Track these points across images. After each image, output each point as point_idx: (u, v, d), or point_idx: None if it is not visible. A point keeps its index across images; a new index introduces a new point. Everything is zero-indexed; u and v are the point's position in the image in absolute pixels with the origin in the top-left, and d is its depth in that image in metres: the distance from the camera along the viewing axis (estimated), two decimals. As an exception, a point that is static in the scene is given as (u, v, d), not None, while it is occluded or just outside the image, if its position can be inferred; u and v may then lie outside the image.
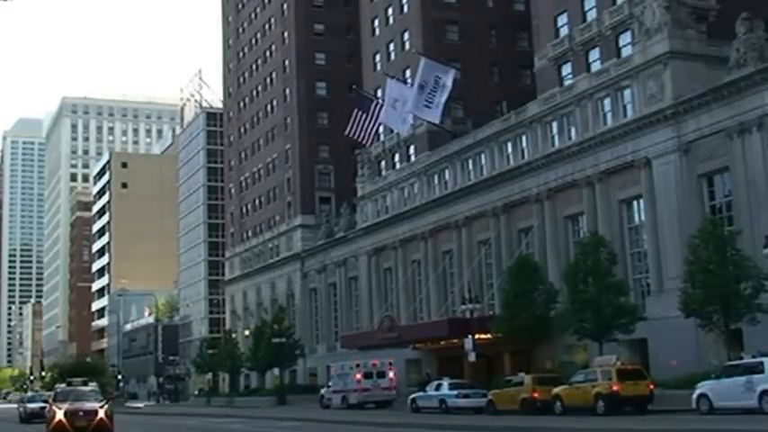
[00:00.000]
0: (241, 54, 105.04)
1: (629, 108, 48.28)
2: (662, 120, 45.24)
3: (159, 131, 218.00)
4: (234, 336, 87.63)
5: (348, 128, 56.50)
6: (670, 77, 45.09)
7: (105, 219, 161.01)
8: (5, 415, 60.48)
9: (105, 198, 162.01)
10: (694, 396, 29.79)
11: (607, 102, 49.83)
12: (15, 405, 65.40)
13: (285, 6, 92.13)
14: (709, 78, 43.40)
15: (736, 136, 41.56)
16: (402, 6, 72.34)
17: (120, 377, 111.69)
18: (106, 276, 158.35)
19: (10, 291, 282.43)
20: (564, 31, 55.52)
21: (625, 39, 50.38)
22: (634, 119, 47.11)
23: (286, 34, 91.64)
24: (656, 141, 45.63)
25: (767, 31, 42.77)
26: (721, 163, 42.71)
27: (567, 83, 54.50)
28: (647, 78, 46.51)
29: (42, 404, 41.98)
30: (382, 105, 56.17)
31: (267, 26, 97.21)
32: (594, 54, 52.84)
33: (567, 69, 55.29)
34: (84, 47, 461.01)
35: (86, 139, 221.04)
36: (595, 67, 52.33)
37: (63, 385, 31.91)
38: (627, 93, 48.47)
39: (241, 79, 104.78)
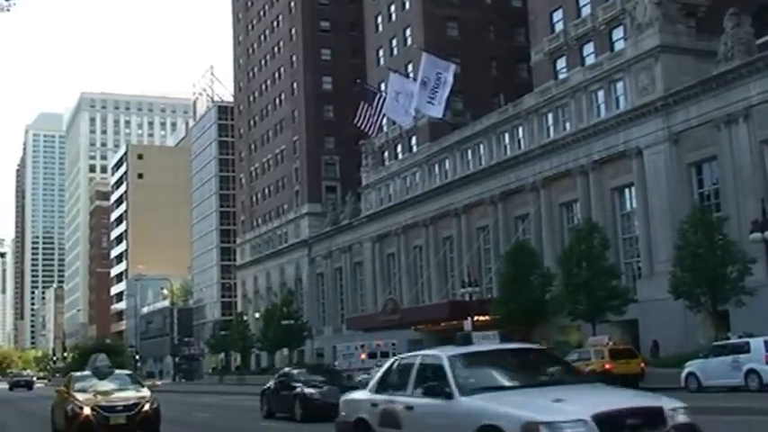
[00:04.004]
0: (251, 50, 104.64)
1: (621, 100, 48.00)
2: (653, 111, 44.95)
3: (173, 124, 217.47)
4: (245, 318, 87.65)
5: (357, 119, 56.50)
6: (661, 70, 44.79)
7: (123, 208, 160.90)
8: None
9: (123, 188, 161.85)
10: (683, 374, 29.55)
11: (600, 94, 49.54)
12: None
13: (292, 4, 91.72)
14: (698, 71, 43.10)
15: (723, 126, 41.29)
16: (404, 3, 71.94)
17: (137, 357, 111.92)
18: (124, 262, 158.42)
19: (33, 276, 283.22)
20: (559, 27, 55.20)
21: (618, 33, 50.09)
22: (626, 110, 46.82)
23: (293, 31, 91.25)
24: (647, 132, 45.35)
25: (754, 26, 42.47)
26: (709, 152, 42.46)
27: (561, 76, 54.20)
28: (638, 71, 46.19)
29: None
30: (386, 98, 55.95)
31: (275, 23, 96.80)
32: (588, 48, 52.56)
33: (562, 63, 55.02)
34: (102, 44, 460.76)
35: (104, 132, 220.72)
36: (589, 60, 52.03)
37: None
38: (619, 85, 48.18)
39: (251, 74, 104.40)
